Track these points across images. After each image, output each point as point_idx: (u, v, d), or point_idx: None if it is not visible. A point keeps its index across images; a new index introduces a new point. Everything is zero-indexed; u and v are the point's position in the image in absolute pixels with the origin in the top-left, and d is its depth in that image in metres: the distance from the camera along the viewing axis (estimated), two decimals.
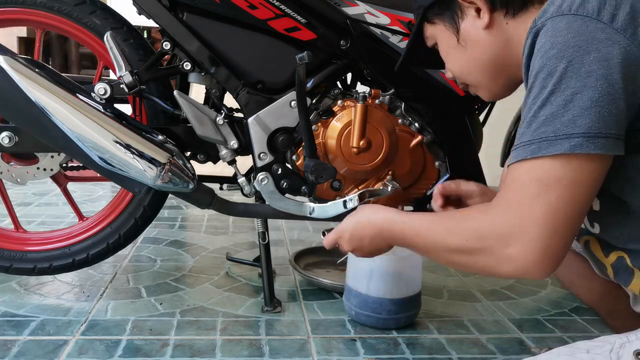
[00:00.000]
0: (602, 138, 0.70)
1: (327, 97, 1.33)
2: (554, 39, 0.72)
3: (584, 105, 0.70)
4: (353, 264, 1.36)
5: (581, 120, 0.70)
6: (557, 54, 0.71)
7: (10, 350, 1.16)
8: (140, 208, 1.41)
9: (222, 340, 1.25)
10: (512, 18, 0.87)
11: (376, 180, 1.35)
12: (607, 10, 0.70)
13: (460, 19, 0.91)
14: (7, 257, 1.42)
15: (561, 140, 0.70)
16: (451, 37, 0.94)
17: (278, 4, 1.23)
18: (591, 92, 0.69)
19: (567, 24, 0.71)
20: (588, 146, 0.69)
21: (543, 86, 0.73)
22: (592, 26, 0.70)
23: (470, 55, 0.93)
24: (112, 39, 1.26)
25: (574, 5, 0.72)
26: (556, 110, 0.71)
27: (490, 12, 0.88)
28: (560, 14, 0.73)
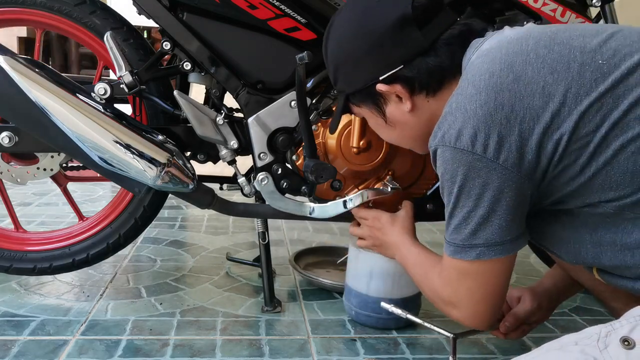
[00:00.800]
0: (499, 246, 0.86)
1: (327, 97, 1.33)
2: (445, 165, 0.85)
3: (479, 222, 0.85)
4: (353, 264, 1.36)
5: (480, 233, 0.86)
6: (450, 179, 0.85)
7: (10, 350, 1.16)
8: (140, 208, 1.41)
9: (222, 340, 1.25)
10: (433, 97, 0.95)
11: (376, 180, 1.35)
12: (479, 142, 0.80)
13: (384, 104, 0.99)
14: (7, 257, 1.42)
15: (468, 249, 0.87)
16: (379, 119, 1.02)
17: (278, 4, 1.23)
18: (482, 211, 0.84)
19: (450, 154, 0.84)
20: (489, 253, 0.86)
21: (448, 200, 0.88)
22: (470, 157, 0.82)
23: (400, 133, 1.03)
24: (112, 39, 1.26)
25: (452, 139, 0.83)
26: (459, 223, 0.87)
27: (411, 97, 0.95)
28: (443, 144, 0.84)
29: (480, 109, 0.81)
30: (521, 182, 0.82)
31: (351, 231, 1.30)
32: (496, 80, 0.81)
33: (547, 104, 0.79)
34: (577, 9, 1.24)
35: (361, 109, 1.04)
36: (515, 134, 0.79)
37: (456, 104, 0.84)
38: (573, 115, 0.78)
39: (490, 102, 0.80)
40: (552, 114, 0.79)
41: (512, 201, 0.83)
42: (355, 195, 1.29)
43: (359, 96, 1.01)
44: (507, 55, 0.83)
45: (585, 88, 0.78)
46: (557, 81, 0.79)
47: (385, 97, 0.98)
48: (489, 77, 0.82)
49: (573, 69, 0.79)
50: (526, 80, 0.80)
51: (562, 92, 0.78)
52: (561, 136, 0.79)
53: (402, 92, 0.94)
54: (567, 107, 0.78)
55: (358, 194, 1.29)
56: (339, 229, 2.17)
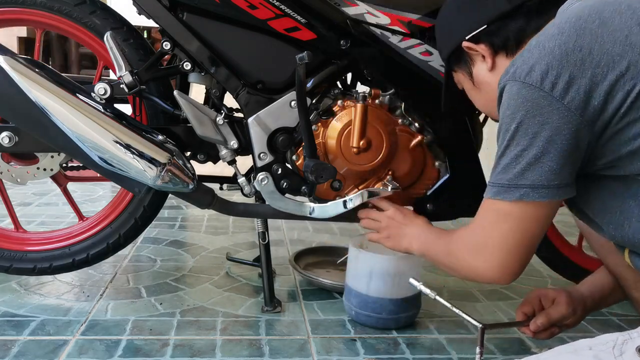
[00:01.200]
0: (544, 189, 0.85)
1: (327, 97, 1.33)
2: (509, 100, 0.86)
3: (529, 161, 0.85)
4: (353, 264, 1.36)
5: (528, 173, 0.85)
6: (511, 115, 0.86)
7: (10, 350, 1.16)
8: (140, 208, 1.41)
9: (222, 340, 1.25)
10: (513, 56, 0.96)
11: (376, 180, 1.35)
12: (549, 80, 0.82)
13: (471, 65, 1.04)
14: (7, 257, 1.42)
15: (513, 189, 0.87)
16: (468, 82, 1.07)
17: (278, 4, 1.23)
18: (535, 150, 0.84)
19: (517, 89, 0.85)
20: (533, 196, 0.86)
21: (502, 139, 0.88)
22: (536, 94, 0.82)
23: (485, 96, 1.06)
24: (112, 39, 1.26)
25: (523, 74, 0.84)
26: (509, 162, 0.87)
27: (493, 56, 0.99)
28: (513, 79, 0.86)
29: (558, 47, 0.82)
30: (581, 128, 0.82)
31: (364, 223, 1.30)
32: (581, 23, 0.82)
33: (626, 53, 0.79)
34: None
35: (457, 74, 1.09)
36: (587, 77, 0.80)
37: (536, 42, 0.86)
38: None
39: (570, 43, 0.82)
40: (628, 63, 0.79)
41: (568, 146, 0.83)
42: (355, 195, 1.29)
43: (454, 59, 1.06)
44: (599, 3, 0.84)
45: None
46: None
47: (472, 57, 1.03)
48: (575, 20, 0.83)
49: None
50: (612, 27, 0.81)
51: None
52: (633, 87, 0.79)
53: (485, 50, 0.99)
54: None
55: (358, 194, 1.29)
56: (339, 229, 2.17)
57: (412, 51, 1.26)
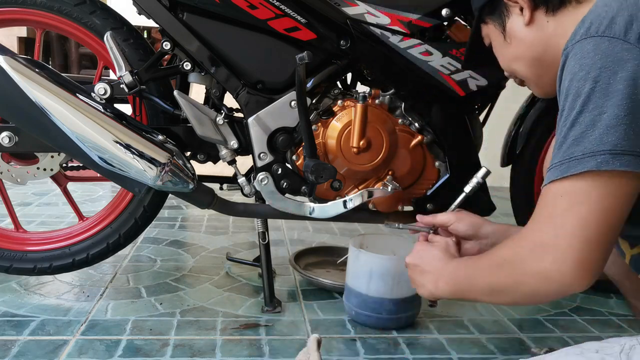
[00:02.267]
0: (628, 155, 0.72)
1: (327, 97, 1.33)
2: (582, 60, 0.75)
3: (610, 123, 0.72)
4: (353, 264, 1.36)
5: (607, 137, 0.72)
6: (585, 76, 0.74)
7: (10, 350, 1.16)
8: (140, 208, 1.41)
9: (222, 340, 1.25)
10: (552, 16, 0.92)
11: (376, 180, 1.35)
12: (635, 31, 0.73)
13: (506, 17, 0.98)
14: (7, 257, 1.42)
15: (588, 158, 0.72)
16: (499, 35, 1.00)
17: (278, 4, 1.23)
18: (617, 110, 0.71)
19: (594, 45, 0.74)
20: (614, 163, 0.72)
21: (572, 107, 0.76)
22: (618, 47, 0.72)
23: (515, 52, 0.99)
24: (112, 39, 1.26)
25: (602, 27, 0.75)
26: (584, 129, 0.73)
27: (532, 10, 0.93)
28: (588, 36, 0.76)
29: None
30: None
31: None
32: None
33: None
34: None
35: (488, 27, 1.03)
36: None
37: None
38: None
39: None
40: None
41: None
42: (355, 195, 1.29)
43: (488, 9, 1.01)
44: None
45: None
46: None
47: (509, 9, 0.97)
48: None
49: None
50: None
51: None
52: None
53: (525, 2, 0.93)
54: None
55: (358, 194, 1.29)
56: (339, 229, 2.17)
57: (412, 51, 1.26)
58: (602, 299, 1.58)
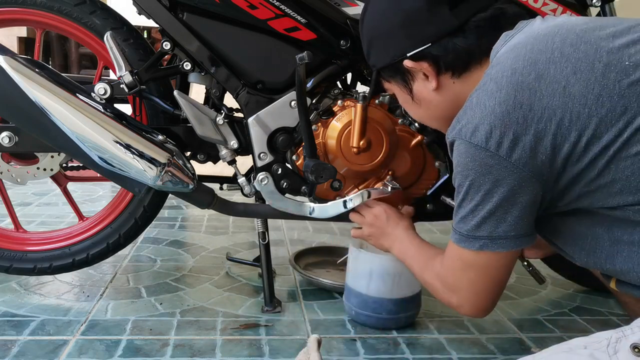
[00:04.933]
0: (502, 240, 0.87)
1: (327, 97, 1.33)
2: (459, 158, 0.86)
3: (484, 216, 0.86)
4: (353, 264, 1.36)
5: (484, 226, 0.87)
6: (462, 172, 0.86)
7: (10, 350, 1.16)
8: (140, 208, 1.41)
9: (222, 340, 1.25)
10: (459, 78, 0.95)
11: (376, 180, 1.35)
12: (494, 140, 0.81)
13: (411, 81, 1.00)
14: (7, 257, 1.42)
15: (472, 240, 0.89)
16: (406, 96, 1.03)
17: (278, 4, 1.23)
18: (489, 206, 0.85)
19: (465, 148, 0.84)
20: (492, 246, 0.88)
21: (458, 191, 0.89)
22: (483, 154, 0.82)
23: (425, 112, 1.03)
24: (112, 39, 1.26)
25: (468, 133, 0.84)
26: (466, 214, 0.88)
27: (437, 76, 0.96)
28: (460, 137, 0.85)
29: (499, 106, 0.81)
30: (532, 182, 0.82)
31: (351, 216, 1.30)
32: (517, 77, 0.81)
33: (566, 105, 0.78)
34: (577, 9, 1.24)
35: (391, 85, 1.04)
36: (531, 133, 0.79)
37: (477, 99, 0.84)
38: (593, 118, 0.77)
39: (509, 100, 0.80)
40: (570, 115, 0.78)
41: (521, 200, 0.83)
42: (355, 195, 1.28)
43: (389, 71, 1.01)
44: (532, 52, 0.82)
45: (608, 90, 0.77)
46: (579, 81, 0.78)
47: (412, 74, 0.98)
48: (510, 74, 0.82)
49: (597, 70, 0.78)
50: (548, 79, 0.79)
51: (583, 94, 0.77)
52: (579, 138, 0.78)
53: (429, 70, 0.95)
54: (588, 109, 0.77)
55: (358, 194, 1.29)
56: (339, 229, 2.17)
57: None
58: (602, 299, 1.58)
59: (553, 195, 0.85)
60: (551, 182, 0.82)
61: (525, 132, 0.79)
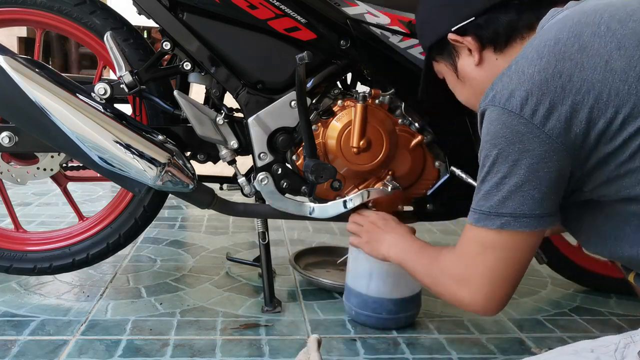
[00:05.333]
0: (526, 218, 0.83)
1: (327, 97, 1.33)
2: (489, 126, 0.84)
3: (510, 190, 0.82)
4: (353, 264, 1.36)
5: (509, 202, 0.83)
6: (491, 141, 0.83)
7: (10, 350, 1.16)
8: (140, 208, 1.41)
9: (222, 340, 1.25)
10: (501, 53, 0.94)
11: (376, 180, 1.35)
12: (529, 107, 0.79)
13: (456, 57, 1.00)
14: (7, 257, 1.42)
15: (494, 217, 0.85)
16: (452, 74, 1.03)
17: (278, 4, 1.23)
18: (516, 178, 0.81)
19: (497, 115, 0.82)
20: (515, 225, 0.83)
21: (483, 164, 0.86)
22: (516, 120, 0.80)
23: (469, 90, 1.02)
24: (112, 39, 1.26)
25: (503, 99, 0.81)
26: (490, 189, 0.84)
27: (480, 51, 0.95)
28: (493, 104, 0.83)
29: (538, 74, 0.79)
30: (563, 155, 0.79)
31: (348, 227, 1.30)
32: (560, 47, 0.80)
33: (606, 79, 0.77)
34: None
35: (439, 65, 1.04)
36: (568, 104, 0.78)
37: (515, 66, 0.83)
38: (632, 96, 0.75)
39: (549, 69, 0.79)
40: (609, 90, 0.76)
41: (550, 174, 0.80)
42: (355, 195, 1.29)
43: (436, 49, 1.02)
44: (578, 24, 0.81)
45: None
46: (623, 58, 0.77)
47: (457, 50, 0.98)
48: (554, 43, 0.81)
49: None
50: (591, 52, 0.78)
51: (625, 70, 0.76)
52: (616, 114, 0.76)
53: (472, 44, 0.94)
54: (628, 86, 0.76)
55: (358, 194, 1.29)
56: (339, 229, 2.17)
57: (412, 51, 1.26)
58: (602, 299, 1.58)
59: (582, 174, 0.82)
60: (582, 158, 0.80)
61: (562, 102, 0.78)
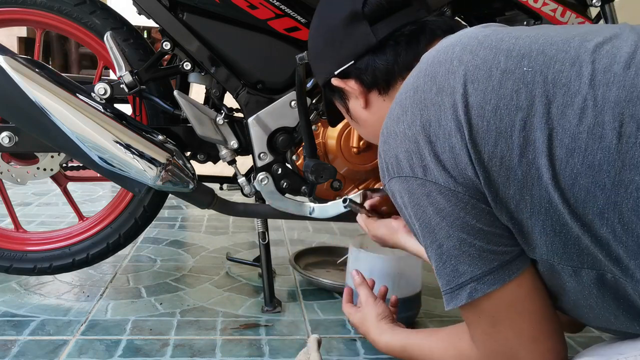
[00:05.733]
0: (488, 275, 0.72)
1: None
2: (400, 199, 0.77)
3: (453, 255, 0.72)
4: (353, 264, 1.36)
5: (461, 267, 0.72)
6: (409, 213, 0.76)
7: (10, 350, 1.16)
8: (140, 208, 1.41)
9: (222, 340, 1.25)
10: (387, 95, 0.91)
11: (376, 180, 1.35)
12: (417, 165, 0.73)
13: (347, 99, 0.97)
14: (7, 257, 1.42)
15: (459, 291, 0.73)
16: (346, 114, 1.00)
17: (278, 4, 1.23)
18: (450, 242, 0.72)
19: (399, 186, 0.76)
20: (482, 288, 0.72)
21: (418, 239, 0.78)
22: (414, 183, 0.73)
23: (364, 130, 1.00)
24: (112, 39, 1.26)
25: (394, 168, 0.76)
26: (437, 263, 0.75)
27: (365, 95, 0.92)
28: (390, 176, 0.77)
29: (409, 129, 0.74)
30: (474, 200, 0.71)
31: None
32: (420, 95, 0.75)
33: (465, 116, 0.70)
34: (577, 9, 1.24)
35: (336, 103, 1.01)
36: (447, 150, 0.71)
37: (386, 129, 0.78)
38: (492, 132, 0.68)
39: (417, 120, 0.73)
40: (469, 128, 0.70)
41: (476, 223, 0.71)
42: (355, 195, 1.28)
43: (328, 90, 0.99)
44: (432, 65, 0.76)
45: (505, 101, 0.68)
46: (477, 92, 0.70)
47: (346, 93, 0.95)
48: (413, 93, 0.76)
49: (494, 77, 0.70)
50: (448, 91, 0.72)
51: (481, 105, 0.69)
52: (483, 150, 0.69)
53: (355, 88, 0.92)
54: (486, 122, 0.69)
55: (358, 194, 1.29)
56: (339, 229, 2.17)
57: None
58: None
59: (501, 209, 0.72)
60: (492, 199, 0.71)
61: (443, 149, 0.71)
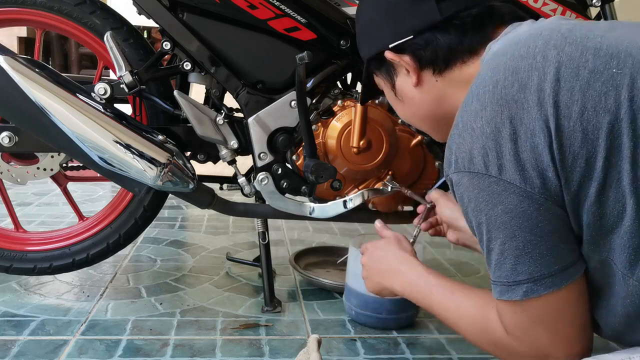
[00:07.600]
0: (547, 278, 0.72)
1: (327, 97, 1.33)
2: (466, 193, 0.76)
3: (515, 254, 0.73)
4: (353, 264, 1.36)
5: (520, 267, 0.73)
6: (475, 208, 0.75)
7: (10, 350, 1.16)
8: (140, 208, 1.41)
9: (222, 340, 1.25)
10: (440, 76, 0.89)
11: (376, 180, 1.35)
12: (492, 163, 0.72)
13: (394, 75, 0.94)
14: (7, 257, 1.42)
15: (514, 287, 0.74)
16: (390, 91, 0.98)
17: (278, 4, 1.23)
18: (515, 242, 0.72)
19: (468, 180, 0.75)
20: (538, 289, 0.73)
21: (479, 232, 0.77)
22: (486, 181, 0.73)
23: (407, 109, 0.97)
24: (112, 39, 1.26)
25: (465, 163, 0.75)
26: (498, 258, 0.75)
27: (418, 72, 0.90)
28: (459, 170, 0.76)
29: (487, 125, 0.72)
30: (548, 203, 0.71)
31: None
32: (501, 90, 0.73)
33: (553, 115, 0.69)
34: (577, 9, 1.24)
35: (379, 79, 0.99)
36: (528, 149, 0.70)
37: (462, 123, 0.76)
38: (577, 133, 0.68)
39: (497, 117, 0.72)
40: (556, 127, 0.69)
41: (546, 226, 0.71)
42: (355, 195, 1.29)
43: (375, 63, 0.96)
44: (512, 59, 0.74)
45: (593, 102, 0.67)
46: (563, 90, 0.69)
47: (395, 68, 0.93)
48: (492, 87, 0.74)
49: (582, 77, 0.68)
50: (532, 88, 0.70)
51: (568, 105, 0.69)
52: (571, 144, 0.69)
53: (410, 64, 0.89)
54: (572, 123, 0.68)
55: (358, 194, 1.29)
56: (339, 229, 2.17)
57: None
58: None
59: (574, 216, 0.73)
60: (570, 201, 0.71)
61: (522, 148, 0.70)
